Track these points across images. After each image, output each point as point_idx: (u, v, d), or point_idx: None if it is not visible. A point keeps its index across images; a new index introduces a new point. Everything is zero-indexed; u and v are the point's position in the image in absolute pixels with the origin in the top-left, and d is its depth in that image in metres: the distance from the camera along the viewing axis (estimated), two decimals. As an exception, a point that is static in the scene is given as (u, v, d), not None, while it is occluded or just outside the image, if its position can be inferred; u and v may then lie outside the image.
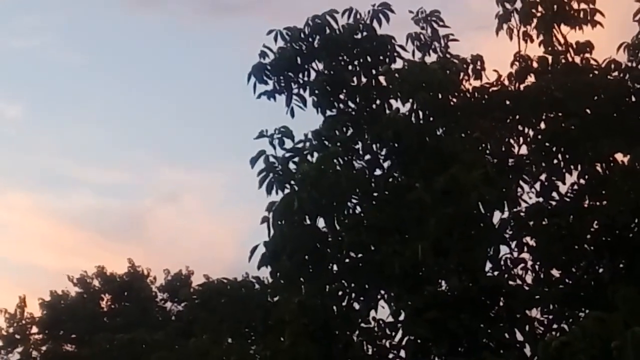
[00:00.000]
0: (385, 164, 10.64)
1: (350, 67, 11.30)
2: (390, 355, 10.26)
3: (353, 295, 10.05)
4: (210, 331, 10.43)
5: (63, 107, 39.23)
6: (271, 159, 10.14)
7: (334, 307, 9.84)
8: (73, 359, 23.30)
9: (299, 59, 11.33)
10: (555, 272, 10.50)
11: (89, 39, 40.05)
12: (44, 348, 26.81)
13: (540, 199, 10.74)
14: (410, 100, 10.45)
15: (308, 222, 9.81)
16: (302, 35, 11.29)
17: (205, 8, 37.99)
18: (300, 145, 10.38)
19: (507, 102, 10.94)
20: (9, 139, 38.37)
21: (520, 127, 10.90)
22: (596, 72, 10.95)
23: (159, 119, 39.67)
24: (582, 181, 10.64)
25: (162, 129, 40.09)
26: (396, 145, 10.46)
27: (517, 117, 10.86)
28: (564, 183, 10.72)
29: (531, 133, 10.87)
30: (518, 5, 11.33)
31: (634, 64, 10.84)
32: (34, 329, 28.10)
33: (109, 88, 39.28)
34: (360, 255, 9.97)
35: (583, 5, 11.08)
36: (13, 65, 38.78)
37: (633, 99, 10.62)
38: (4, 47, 38.34)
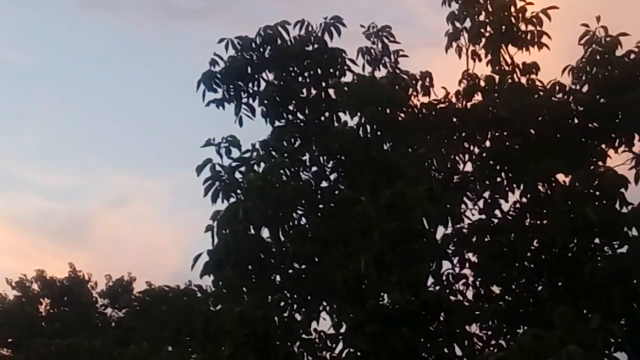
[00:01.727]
0: (332, 177, 10.71)
1: (300, 79, 11.35)
2: (330, 367, 10.28)
3: (295, 306, 10.06)
4: (150, 339, 10.33)
5: (11, 108, 38.59)
6: (217, 168, 10.10)
7: (276, 318, 9.82)
8: (9, 364, 22.87)
9: (249, 68, 11.34)
10: (496, 289, 10.63)
11: (39, 39, 39.52)
12: (-22, 352, 26.26)
13: (483, 216, 10.88)
14: (359, 114, 10.52)
15: (252, 232, 9.79)
16: (253, 45, 11.30)
17: (159, 14, 37.81)
18: (247, 155, 10.36)
19: (454, 119, 11.07)
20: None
21: (465, 145, 11.04)
22: (541, 93, 11.13)
23: (109, 122, 39.29)
24: (524, 200, 10.79)
25: (111, 132, 39.69)
26: (343, 158, 10.52)
27: (463, 134, 10.99)
28: (507, 201, 10.88)
29: (476, 150, 11.01)
30: (467, 24, 11.48)
31: (578, 87, 11.05)
32: (-30, 332, 27.51)
33: (59, 89, 38.80)
34: (303, 266, 9.99)
35: (530, 28, 11.26)
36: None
37: (576, 121, 10.82)
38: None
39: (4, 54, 38.69)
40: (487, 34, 11.40)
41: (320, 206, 10.34)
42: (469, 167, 11.04)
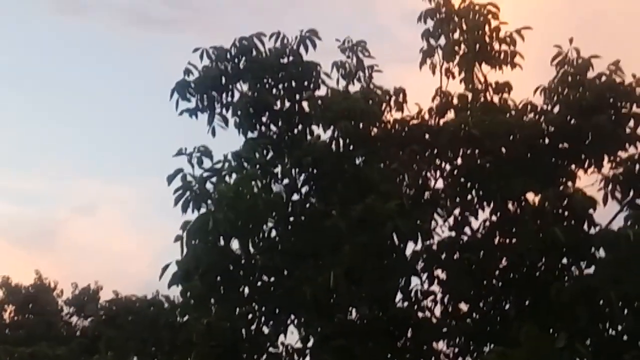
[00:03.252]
0: (303, 189, 10.68)
1: (274, 91, 11.34)
2: (297, 381, 10.24)
3: (263, 319, 10.00)
4: (115, 349, 10.23)
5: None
6: (189, 178, 10.05)
7: (243, 330, 9.78)
8: (-30, 371, 22.52)
9: (223, 78, 11.32)
10: (464, 306, 10.66)
11: (11, 40, 39.16)
12: (-61, 358, 25.84)
13: (453, 233, 10.91)
14: (332, 127, 10.54)
15: (222, 243, 9.73)
16: (228, 56, 11.30)
17: (134, 20, 37.67)
18: (219, 166, 10.32)
19: (426, 136, 11.11)
20: None
21: (437, 161, 11.07)
22: (513, 112, 11.22)
23: (80, 128, 38.99)
24: (494, 218, 10.84)
25: (82, 138, 39.39)
26: (315, 171, 10.52)
27: (435, 151, 11.03)
28: (477, 219, 10.93)
29: (448, 167, 11.06)
30: (442, 42, 11.56)
31: (549, 107, 11.14)
32: None
33: (29, 92, 38.46)
34: (272, 279, 9.95)
35: (504, 47, 11.36)
36: None
37: (546, 141, 10.90)
38: None
39: (-26, 54, 38.34)
40: (461, 52, 11.48)
41: (291, 219, 10.33)
42: (440, 183, 11.10)
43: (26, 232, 36.02)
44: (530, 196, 10.64)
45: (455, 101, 11.39)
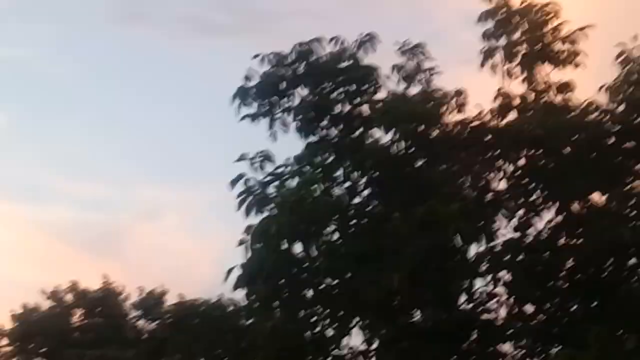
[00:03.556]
0: (365, 193, 10.69)
1: (333, 95, 11.36)
2: (361, 383, 10.26)
3: (327, 321, 10.04)
4: (182, 351, 10.39)
5: (47, 119, 39.02)
6: (251, 182, 10.16)
7: (307, 333, 9.83)
8: (42, 374, 23.05)
9: (283, 83, 11.38)
10: (529, 308, 10.54)
11: (78, 51, 39.89)
12: (12, 361, 26.49)
13: (517, 234, 10.80)
14: (392, 130, 10.53)
15: (285, 246, 9.81)
16: (288, 61, 11.36)
17: (195, 28, 38.03)
18: (280, 170, 10.42)
19: (488, 137, 11.02)
20: (-10, 148, 38.13)
21: (499, 163, 10.97)
22: (576, 112, 11.05)
23: (143, 134, 39.55)
24: (558, 218, 10.71)
25: (145, 144, 39.96)
26: (376, 174, 10.51)
27: (497, 152, 10.93)
28: (541, 220, 10.80)
29: (510, 169, 10.95)
30: (502, 42, 11.45)
31: (614, 106, 10.96)
32: (4, 341, 27.78)
33: (94, 102, 39.16)
34: (335, 282, 9.98)
35: (566, 46, 11.21)
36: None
37: (611, 140, 10.72)
38: (-12, 56, 38.23)
39: (40, 65, 39.22)
40: (522, 52, 11.36)
41: (353, 222, 10.34)
42: (502, 185, 10.98)
43: (93, 237, 36.66)
44: (595, 196, 10.49)
45: (516, 102, 11.27)
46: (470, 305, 10.41)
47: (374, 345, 10.00)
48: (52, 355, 24.25)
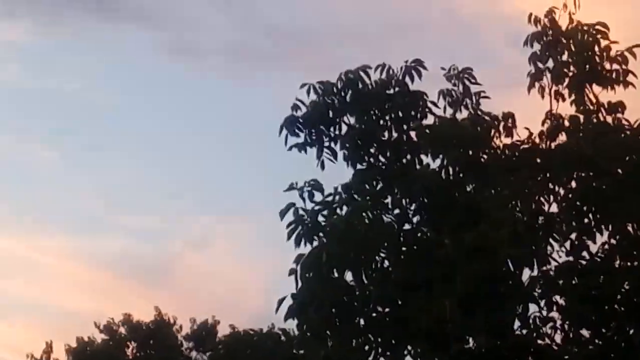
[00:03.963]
0: (414, 219, 10.64)
1: (381, 122, 11.36)
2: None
3: (379, 350, 9.97)
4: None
5: (98, 151, 39.78)
6: (300, 212, 10.18)
7: (360, 362, 9.77)
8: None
9: (330, 112, 11.41)
10: (585, 332, 10.36)
11: (127, 82, 40.82)
12: (69, 394, 26.77)
13: (571, 258, 10.64)
14: (441, 156, 10.50)
15: (335, 275, 9.80)
16: (335, 89, 11.39)
17: (241, 59, 38.56)
18: (329, 199, 10.42)
19: (538, 160, 10.92)
20: (44, 180, 39.01)
21: (550, 185, 10.85)
22: (628, 132, 10.92)
23: (192, 165, 40.09)
24: (613, 241, 10.54)
25: (195, 175, 40.49)
26: (425, 200, 10.46)
27: (548, 175, 10.82)
28: (595, 242, 10.62)
29: (562, 191, 10.82)
30: (550, 64, 11.38)
31: (666, 125, 10.79)
32: (60, 376, 28.11)
33: (144, 133, 39.86)
34: (387, 309, 9.93)
35: (615, 66, 11.09)
36: (50, 107, 39.59)
37: (665, 159, 10.55)
38: (42, 88, 39.16)
39: (92, 95, 40.07)
40: (570, 74, 11.26)
41: (403, 249, 10.30)
42: (554, 208, 10.85)
43: (145, 267, 37.16)
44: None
45: (566, 123, 11.15)
46: (525, 330, 10.26)
47: (428, 374, 9.90)
48: (107, 388, 24.47)
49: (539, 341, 10.24)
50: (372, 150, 11.27)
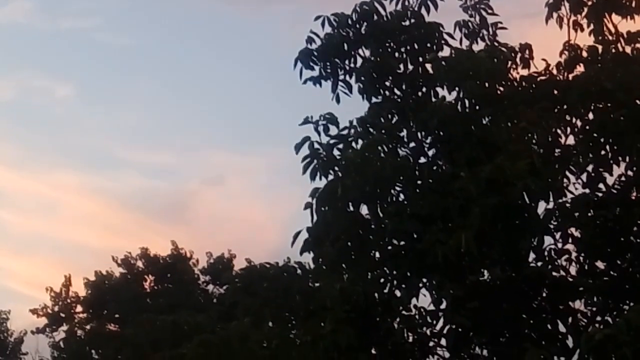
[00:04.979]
0: (430, 152, 10.61)
1: (397, 54, 11.25)
2: (431, 344, 10.27)
3: (395, 282, 10.04)
4: (251, 315, 10.50)
5: (113, 89, 39.78)
6: (316, 146, 10.17)
7: (376, 294, 9.85)
8: (116, 339, 23.69)
9: (345, 45, 11.31)
10: (600, 264, 10.39)
11: (141, 19, 40.54)
12: (88, 327, 27.27)
13: (587, 190, 10.62)
14: (457, 88, 10.40)
15: (351, 209, 9.82)
16: (350, 22, 11.27)
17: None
18: (345, 132, 10.40)
19: (555, 92, 10.81)
20: (59, 118, 39.14)
21: (567, 117, 10.77)
22: (647, 62, 10.77)
23: (207, 101, 40.05)
24: (629, 173, 10.48)
25: (209, 110, 40.46)
26: (441, 133, 10.41)
27: (565, 107, 10.72)
28: (611, 174, 10.57)
29: (579, 123, 10.73)
30: (568, -7, 11.19)
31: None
32: (79, 308, 28.59)
33: (157, 71, 39.72)
34: (402, 243, 9.96)
35: (635, -6, 10.90)
36: (64, 46, 39.45)
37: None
38: (55, 28, 38.99)
39: (106, 36, 39.89)
40: (589, 3, 11.08)
41: (419, 182, 10.29)
42: (571, 140, 10.77)
43: (160, 204, 37.43)
44: (668, 149, 10.21)
45: (584, 54, 11.01)
46: (540, 263, 10.30)
47: (443, 305, 9.98)
48: (126, 320, 24.88)
49: (554, 273, 10.28)
50: (387, 83, 11.20)
